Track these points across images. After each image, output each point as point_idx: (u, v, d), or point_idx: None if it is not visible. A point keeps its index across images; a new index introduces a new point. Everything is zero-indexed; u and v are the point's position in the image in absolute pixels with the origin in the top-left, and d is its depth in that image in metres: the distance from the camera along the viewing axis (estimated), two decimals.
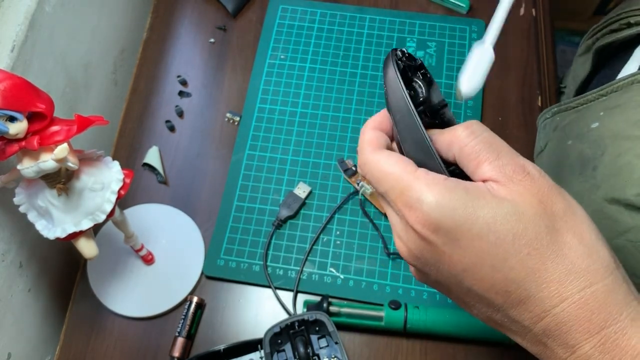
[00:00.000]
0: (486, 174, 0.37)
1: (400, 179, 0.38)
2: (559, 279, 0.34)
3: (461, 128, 0.39)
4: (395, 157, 0.39)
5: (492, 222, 0.35)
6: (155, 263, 0.74)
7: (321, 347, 0.66)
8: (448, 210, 0.36)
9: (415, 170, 0.38)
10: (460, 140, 0.38)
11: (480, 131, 0.38)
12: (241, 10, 0.93)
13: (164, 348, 0.71)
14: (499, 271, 0.35)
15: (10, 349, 0.68)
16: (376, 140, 0.42)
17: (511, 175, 0.36)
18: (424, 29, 0.89)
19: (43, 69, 0.69)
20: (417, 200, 0.37)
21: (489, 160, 0.37)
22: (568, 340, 0.35)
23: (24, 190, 0.57)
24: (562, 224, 0.35)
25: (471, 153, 0.37)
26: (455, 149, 0.38)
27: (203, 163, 0.82)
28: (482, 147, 0.37)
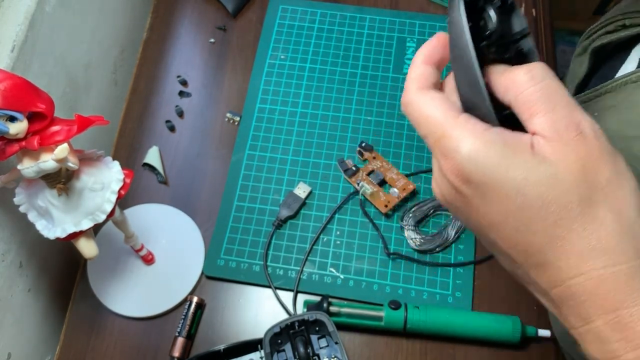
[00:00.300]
0: (537, 126, 0.34)
1: (439, 124, 0.36)
2: (580, 253, 0.33)
3: (522, 71, 0.35)
4: (439, 100, 0.37)
5: (523, 185, 0.34)
6: (156, 263, 0.74)
7: (321, 347, 0.66)
8: (480, 164, 0.34)
9: (457, 116, 0.36)
10: (518, 85, 0.35)
11: (541, 77, 0.35)
12: (241, 10, 0.93)
13: (164, 348, 0.71)
14: (522, 233, 0.35)
15: (10, 348, 0.68)
16: (424, 78, 0.39)
17: (562, 132, 0.34)
18: (424, 29, 0.89)
19: (43, 69, 0.69)
20: (452, 149, 0.35)
21: (543, 112, 0.34)
22: (581, 312, 0.34)
23: (24, 190, 0.57)
24: (600, 196, 0.33)
25: (526, 102, 0.35)
26: (511, 94, 0.36)
27: (203, 163, 0.82)
28: (538, 95, 0.34)
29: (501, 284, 0.73)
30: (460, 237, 0.75)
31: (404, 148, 0.81)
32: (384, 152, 0.80)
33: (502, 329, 0.68)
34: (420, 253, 0.75)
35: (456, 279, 0.73)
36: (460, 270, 0.74)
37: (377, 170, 0.78)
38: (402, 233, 0.76)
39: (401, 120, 0.83)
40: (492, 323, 0.68)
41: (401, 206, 0.77)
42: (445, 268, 0.74)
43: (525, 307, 0.72)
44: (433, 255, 0.75)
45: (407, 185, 0.77)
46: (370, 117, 0.83)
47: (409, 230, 0.75)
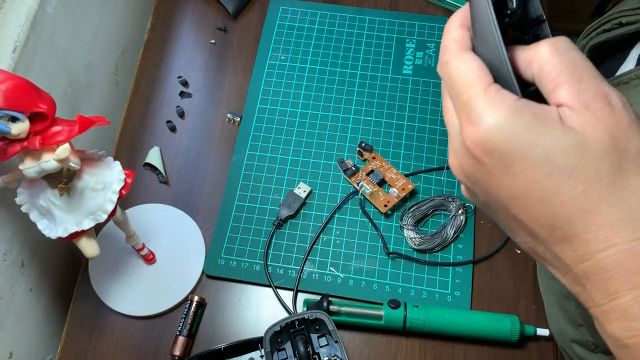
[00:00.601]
0: (563, 98, 0.33)
1: (470, 87, 0.35)
2: (610, 224, 0.32)
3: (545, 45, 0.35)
4: (477, 63, 0.36)
5: (552, 153, 0.32)
6: (156, 262, 0.75)
7: (321, 346, 0.66)
8: (508, 133, 0.33)
9: (490, 84, 0.35)
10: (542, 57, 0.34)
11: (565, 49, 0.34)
12: (241, 12, 0.93)
13: (164, 347, 0.72)
14: (548, 204, 0.33)
15: (12, 348, 0.68)
16: (463, 39, 0.38)
17: (589, 102, 0.33)
18: (423, 30, 0.90)
19: (45, 69, 0.69)
20: (478, 116, 0.34)
21: (569, 83, 0.33)
22: (608, 288, 0.33)
23: (26, 190, 0.57)
24: (631, 165, 0.32)
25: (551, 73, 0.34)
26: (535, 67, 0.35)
27: (204, 163, 0.82)
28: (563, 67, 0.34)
29: (500, 283, 0.74)
30: (459, 237, 0.75)
31: (404, 148, 0.81)
32: (383, 152, 0.81)
33: (501, 327, 0.68)
34: (420, 252, 0.75)
35: (455, 278, 0.73)
36: (459, 269, 0.74)
37: (376, 170, 0.78)
38: (401, 232, 0.76)
39: (400, 120, 0.83)
40: (491, 322, 0.68)
41: (400, 206, 0.77)
42: (445, 267, 0.74)
43: (524, 306, 0.72)
44: (432, 254, 0.75)
45: (407, 185, 0.77)
46: (370, 117, 0.84)
47: (408, 229, 0.75)
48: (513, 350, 0.70)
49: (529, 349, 0.70)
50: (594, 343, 0.59)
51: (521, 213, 0.35)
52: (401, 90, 0.85)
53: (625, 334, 0.32)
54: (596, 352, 0.60)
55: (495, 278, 0.74)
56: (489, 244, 0.76)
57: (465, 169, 0.37)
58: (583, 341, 0.61)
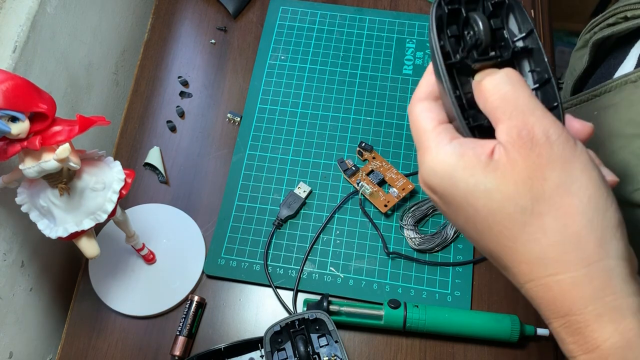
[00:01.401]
0: (498, 134, 0.35)
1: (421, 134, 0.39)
2: (528, 261, 0.35)
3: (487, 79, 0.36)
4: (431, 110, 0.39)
5: (470, 196, 0.35)
6: (157, 262, 0.75)
7: (321, 346, 0.66)
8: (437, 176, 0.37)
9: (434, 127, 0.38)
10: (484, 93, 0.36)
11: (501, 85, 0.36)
12: (242, 12, 0.93)
13: (164, 347, 0.72)
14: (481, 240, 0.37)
15: (12, 347, 0.68)
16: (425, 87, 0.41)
17: (514, 140, 0.34)
18: (423, 30, 0.90)
19: (45, 69, 0.69)
20: (420, 160, 0.38)
21: (501, 120, 0.35)
22: (543, 313, 0.36)
23: (26, 190, 0.57)
24: (545, 206, 0.34)
25: (490, 110, 0.36)
26: (480, 103, 0.37)
27: (204, 163, 0.82)
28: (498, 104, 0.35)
29: (500, 283, 0.74)
30: (459, 237, 0.75)
31: (404, 148, 0.81)
32: (383, 152, 0.81)
33: (501, 327, 0.68)
34: (420, 252, 0.75)
35: (455, 278, 0.73)
36: (459, 269, 0.74)
37: (376, 170, 0.78)
38: (401, 232, 0.76)
39: (400, 120, 0.83)
40: (491, 322, 0.68)
41: (400, 206, 0.77)
42: (445, 267, 0.74)
43: (524, 306, 0.72)
44: (432, 254, 0.75)
45: (407, 185, 0.77)
46: (369, 117, 0.84)
47: (408, 229, 0.75)
48: (513, 350, 0.70)
49: (529, 349, 0.70)
50: None
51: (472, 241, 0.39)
52: (401, 90, 0.85)
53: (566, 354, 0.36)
54: None
55: (495, 278, 0.74)
56: None
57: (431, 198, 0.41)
58: None
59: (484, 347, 0.70)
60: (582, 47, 0.71)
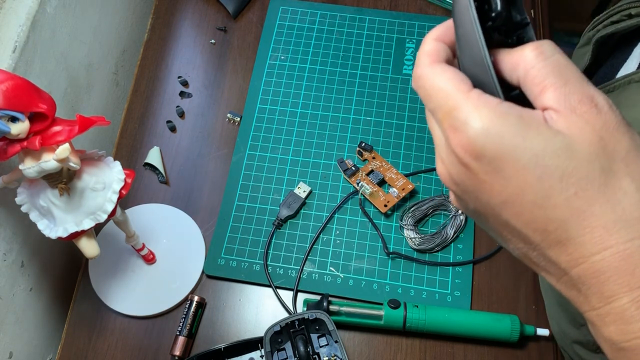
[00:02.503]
0: (549, 101, 0.33)
1: (450, 97, 0.35)
2: (604, 225, 0.32)
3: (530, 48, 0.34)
4: (452, 72, 0.36)
5: (541, 155, 0.32)
6: (157, 262, 0.75)
7: (321, 346, 0.66)
8: (495, 137, 0.33)
9: (469, 90, 0.35)
10: (527, 61, 0.34)
11: (550, 52, 0.34)
12: (241, 12, 0.93)
13: (165, 347, 0.72)
14: (540, 208, 0.33)
15: (12, 347, 0.68)
16: (435, 52, 0.38)
17: (575, 105, 0.32)
18: (423, 30, 0.90)
19: (45, 69, 0.69)
20: (463, 122, 0.34)
21: (555, 86, 0.33)
22: (604, 291, 0.32)
23: (26, 190, 0.57)
24: (621, 166, 0.32)
25: (536, 77, 0.34)
26: (520, 71, 0.34)
27: (204, 163, 0.82)
28: (549, 70, 0.33)
29: (500, 283, 0.74)
30: (459, 237, 0.76)
31: (403, 148, 0.81)
32: (383, 152, 0.81)
33: (501, 327, 0.68)
34: (420, 252, 0.75)
35: (455, 278, 0.73)
36: (459, 269, 0.74)
37: (376, 170, 0.78)
38: (401, 232, 0.76)
39: (400, 120, 0.83)
40: (491, 322, 0.68)
41: (400, 206, 0.77)
42: (444, 267, 0.74)
43: (524, 306, 0.72)
44: (432, 254, 0.75)
45: (407, 185, 0.77)
46: (369, 117, 0.84)
47: (408, 229, 0.75)
48: (513, 350, 0.70)
49: (529, 349, 0.70)
50: (595, 343, 0.59)
51: (513, 218, 0.34)
52: (401, 90, 0.85)
53: (622, 337, 0.32)
54: (597, 352, 0.60)
55: (495, 278, 0.74)
56: (489, 244, 0.76)
57: (455, 177, 0.36)
58: (584, 341, 0.61)
59: (484, 347, 0.71)
60: (585, 45, 0.70)
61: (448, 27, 0.38)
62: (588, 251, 0.32)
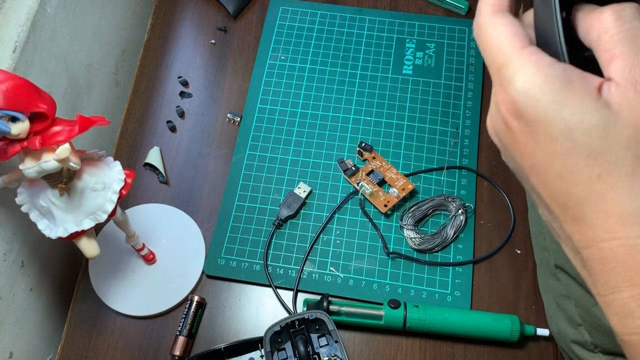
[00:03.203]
0: (612, 72, 0.31)
1: (503, 52, 0.34)
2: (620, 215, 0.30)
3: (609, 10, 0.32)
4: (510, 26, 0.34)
5: (575, 129, 0.31)
6: (157, 262, 0.75)
7: (321, 346, 0.66)
8: (534, 99, 0.32)
9: (524, 47, 0.33)
10: (602, 24, 0.32)
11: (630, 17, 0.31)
12: (242, 12, 0.93)
13: (165, 347, 0.72)
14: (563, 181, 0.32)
15: (12, 347, 0.68)
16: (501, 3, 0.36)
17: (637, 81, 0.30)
18: (423, 30, 0.90)
19: (45, 69, 0.69)
20: (509, 80, 0.33)
21: (623, 56, 0.31)
22: (608, 280, 0.31)
23: (26, 190, 0.57)
24: None
25: (608, 42, 0.31)
26: (594, 33, 0.32)
27: (204, 163, 0.82)
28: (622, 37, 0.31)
29: (500, 283, 0.74)
30: (459, 237, 0.76)
31: (403, 148, 0.81)
32: (383, 152, 0.81)
33: (501, 327, 0.68)
34: (420, 252, 0.75)
35: (455, 278, 0.73)
36: (459, 269, 0.74)
37: (376, 170, 0.78)
38: (401, 232, 0.76)
39: (400, 120, 0.83)
40: (491, 322, 0.68)
41: (400, 206, 0.77)
42: (444, 267, 0.74)
43: (524, 306, 0.72)
44: (432, 254, 0.75)
45: (407, 185, 0.77)
46: (370, 117, 0.84)
47: (408, 229, 0.75)
48: (513, 350, 0.70)
49: (529, 349, 0.70)
50: (593, 343, 0.59)
51: (538, 186, 0.34)
52: (401, 90, 0.85)
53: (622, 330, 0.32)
54: (595, 352, 0.60)
55: (495, 278, 0.74)
56: (489, 244, 0.76)
57: (497, 132, 0.36)
58: (582, 341, 0.61)
59: (484, 347, 0.71)
60: None
61: None
62: (598, 236, 0.31)
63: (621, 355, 0.58)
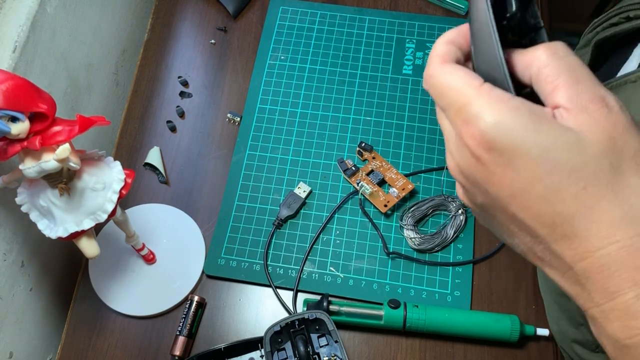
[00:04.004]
0: (560, 100, 0.33)
1: (462, 93, 0.35)
2: (611, 221, 0.32)
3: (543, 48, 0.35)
4: (463, 71, 0.37)
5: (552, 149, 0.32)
6: (157, 262, 0.75)
7: (321, 346, 0.66)
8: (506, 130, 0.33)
9: (480, 84, 0.35)
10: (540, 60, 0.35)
11: (563, 53, 0.35)
12: (242, 12, 0.93)
13: (165, 347, 0.72)
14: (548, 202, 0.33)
15: (12, 347, 0.68)
16: (446, 53, 0.38)
17: (586, 104, 0.33)
18: (423, 30, 0.90)
19: (45, 69, 0.69)
20: (475, 116, 0.34)
21: (567, 85, 0.33)
22: (609, 286, 0.32)
23: (26, 190, 0.57)
24: (630, 165, 0.33)
25: (549, 75, 0.34)
26: (533, 69, 0.35)
27: (204, 163, 0.82)
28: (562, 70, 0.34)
29: (500, 283, 0.74)
30: (459, 237, 0.76)
31: (403, 148, 0.81)
32: (383, 152, 0.81)
33: (501, 327, 0.68)
34: (420, 252, 0.75)
35: (455, 278, 0.73)
36: (459, 269, 0.74)
37: (376, 170, 0.78)
38: (401, 232, 0.76)
39: (400, 120, 0.83)
40: (491, 322, 0.68)
41: (400, 206, 0.77)
42: (444, 267, 0.74)
43: (524, 306, 0.73)
44: (432, 254, 0.75)
45: (406, 185, 0.77)
46: (369, 117, 0.84)
47: (408, 229, 0.75)
48: (513, 350, 0.70)
49: (529, 349, 0.70)
50: (595, 342, 0.59)
51: (521, 211, 0.35)
52: (401, 90, 0.85)
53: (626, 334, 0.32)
54: (597, 351, 0.60)
55: (495, 278, 0.74)
56: (489, 244, 0.76)
57: (464, 170, 0.37)
58: (583, 341, 0.61)
59: (484, 347, 0.71)
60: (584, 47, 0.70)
61: (460, 31, 0.39)
62: (594, 245, 0.32)
63: None
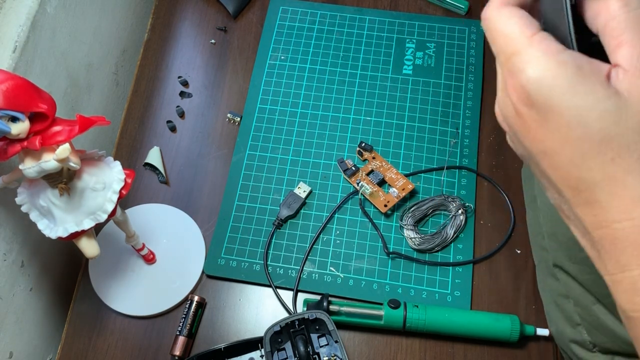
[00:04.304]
0: (620, 59, 0.32)
1: (512, 42, 0.34)
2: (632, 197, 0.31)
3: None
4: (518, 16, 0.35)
5: (586, 115, 0.31)
6: (157, 262, 0.75)
7: (321, 346, 0.66)
8: (546, 86, 0.32)
9: (532, 34, 0.34)
10: (610, 11, 0.32)
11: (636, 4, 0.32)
12: (242, 12, 0.93)
13: (165, 347, 0.72)
14: (575, 166, 0.33)
15: (12, 347, 0.68)
16: None
17: None
18: (423, 30, 0.90)
19: (45, 69, 0.69)
20: (520, 68, 0.33)
21: (631, 43, 0.31)
22: (620, 259, 0.32)
23: (26, 190, 0.57)
24: None
25: (615, 29, 0.32)
26: (601, 20, 0.33)
27: (204, 163, 0.82)
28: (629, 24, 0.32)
29: (500, 283, 0.74)
30: (459, 237, 0.76)
31: (403, 148, 0.81)
32: (383, 152, 0.81)
33: (501, 327, 0.68)
34: (420, 252, 0.75)
35: (455, 278, 0.73)
36: (459, 269, 0.74)
37: (376, 170, 0.78)
38: (401, 232, 0.76)
39: (400, 120, 0.83)
40: (491, 322, 0.68)
41: (400, 206, 0.77)
42: (444, 267, 0.74)
43: (524, 306, 0.72)
44: (432, 254, 0.75)
45: (406, 185, 0.77)
46: (370, 117, 0.84)
47: (408, 229, 0.75)
48: (513, 350, 0.70)
49: (529, 349, 0.70)
50: (592, 342, 0.59)
51: (549, 170, 0.35)
52: (401, 90, 0.85)
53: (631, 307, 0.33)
54: (594, 351, 0.60)
55: (495, 278, 0.74)
56: (489, 244, 0.76)
57: (507, 119, 0.37)
58: (581, 341, 0.61)
59: (484, 347, 0.71)
60: None
61: None
62: (612, 217, 0.32)
63: (620, 354, 0.58)
